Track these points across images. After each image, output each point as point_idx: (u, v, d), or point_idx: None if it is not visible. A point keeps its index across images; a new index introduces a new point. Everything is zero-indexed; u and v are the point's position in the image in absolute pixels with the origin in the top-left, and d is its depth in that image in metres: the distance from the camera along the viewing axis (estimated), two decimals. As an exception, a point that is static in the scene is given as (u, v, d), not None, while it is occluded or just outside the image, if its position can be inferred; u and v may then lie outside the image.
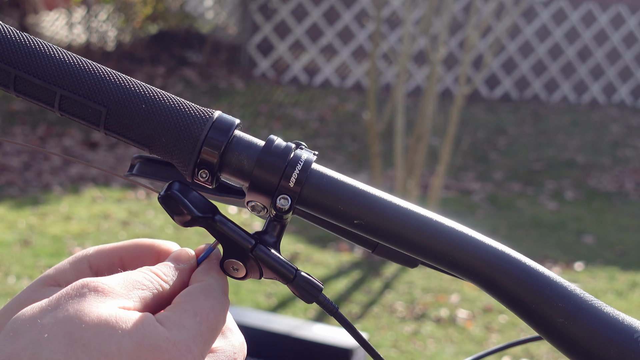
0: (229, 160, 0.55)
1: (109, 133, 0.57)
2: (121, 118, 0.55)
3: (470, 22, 5.12)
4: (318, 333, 2.94)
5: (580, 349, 0.52)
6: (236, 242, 0.56)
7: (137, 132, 0.56)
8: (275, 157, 0.55)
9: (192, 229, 5.03)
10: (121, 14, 8.87)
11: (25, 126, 7.09)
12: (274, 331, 2.96)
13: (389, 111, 5.14)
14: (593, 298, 0.53)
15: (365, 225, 0.55)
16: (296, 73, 9.07)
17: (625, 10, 9.54)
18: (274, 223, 0.57)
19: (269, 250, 0.56)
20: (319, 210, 0.56)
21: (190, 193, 0.55)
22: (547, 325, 0.53)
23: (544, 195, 6.54)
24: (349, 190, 0.55)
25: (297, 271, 0.56)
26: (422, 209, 0.56)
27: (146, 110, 0.55)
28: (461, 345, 3.81)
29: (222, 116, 0.56)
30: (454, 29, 8.77)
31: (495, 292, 0.54)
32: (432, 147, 6.18)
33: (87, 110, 0.56)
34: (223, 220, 0.56)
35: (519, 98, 9.50)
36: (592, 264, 4.97)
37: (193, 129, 0.55)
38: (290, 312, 3.99)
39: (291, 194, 0.55)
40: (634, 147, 8.20)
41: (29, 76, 0.55)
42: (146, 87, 0.57)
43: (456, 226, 0.55)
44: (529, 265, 0.54)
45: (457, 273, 0.55)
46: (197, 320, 0.50)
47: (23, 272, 4.27)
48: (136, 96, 0.56)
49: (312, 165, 0.56)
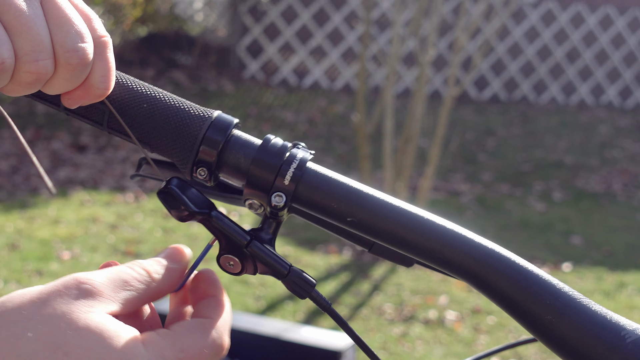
0: (227, 158, 0.57)
1: (112, 132, 0.58)
2: (123, 117, 0.57)
3: (460, 23, 5.13)
4: (307, 335, 2.94)
5: (568, 346, 0.52)
6: (232, 238, 0.56)
7: (139, 130, 0.57)
8: (271, 155, 0.56)
9: (182, 232, 4.99)
10: (110, 16, 8.84)
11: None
12: (262, 334, 2.96)
13: (378, 113, 5.15)
14: (581, 296, 0.53)
15: (358, 222, 0.56)
16: (285, 75, 9.07)
17: (613, 12, 9.59)
18: (270, 220, 0.58)
19: (264, 246, 0.57)
20: (313, 208, 0.57)
21: (188, 189, 0.56)
22: (535, 323, 0.53)
23: (532, 197, 6.57)
24: (343, 189, 0.56)
25: (290, 267, 0.57)
26: (415, 207, 0.56)
27: (147, 110, 0.57)
28: (450, 346, 3.82)
29: (221, 116, 0.57)
30: (443, 31, 8.79)
31: (485, 289, 0.55)
32: (421, 148, 6.19)
33: (90, 110, 0.58)
34: (219, 216, 0.56)
35: (508, 99, 9.53)
36: (580, 265, 4.99)
37: (192, 128, 0.56)
38: (279, 315, 3.99)
39: (286, 192, 0.56)
40: (621, 148, 8.23)
41: None
42: (148, 86, 0.58)
43: (447, 224, 0.56)
44: (518, 263, 0.54)
45: (448, 270, 0.56)
46: (180, 356, 0.50)
47: (11, 276, 4.25)
48: (138, 96, 0.57)
49: (308, 164, 0.57)
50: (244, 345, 2.98)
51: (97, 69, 0.54)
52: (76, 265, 4.45)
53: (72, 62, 0.52)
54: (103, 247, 4.76)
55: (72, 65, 0.52)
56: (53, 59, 0.51)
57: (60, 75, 0.52)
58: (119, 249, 4.75)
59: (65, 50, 0.51)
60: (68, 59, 0.52)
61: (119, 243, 4.84)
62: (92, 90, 0.54)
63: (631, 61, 9.76)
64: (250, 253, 0.56)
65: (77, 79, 0.53)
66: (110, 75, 0.55)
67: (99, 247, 4.76)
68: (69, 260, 4.52)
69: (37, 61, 0.50)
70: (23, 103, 7.63)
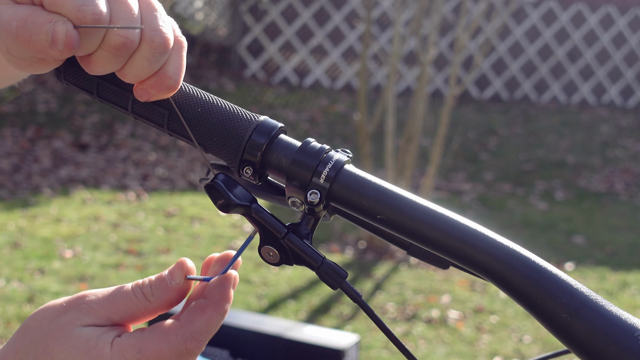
0: (270, 159, 0.62)
1: (172, 133, 0.64)
2: (181, 120, 0.63)
3: (461, 23, 5.12)
4: (310, 334, 2.94)
5: (582, 343, 0.54)
6: (270, 230, 0.61)
7: (194, 132, 0.63)
8: (308, 156, 0.62)
9: (184, 232, 4.99)
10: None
11: (15, 128, 7.06)
12: (265, 332, 2.95)
13: (379, 112, 5.14)
14: (597, 296, 0.55)
15: (387, 220, 0.60)
16: (286, 74, 9.06)
17: (614, 11, 9.58)
18: (309, 217, 0.62)
19: (299, 239, 0.61)
20: (346, 205, 0.61)
21: (233, 184, 0.61)
22: (551, 320, 0.55)
23: (534, 196, 6.56)
24: (373, 188, 0.60)
25: (323, 259, 0.61)
26: (440, 208, 0.60)
27: (201, 114, 0.63)
28: (452, 345, 3.81)
29: (267, 120, 0.63)
30: (444, 30, 8.78)
31: (505, 287, 0.57)
32: (422, 147, 6.18)
33: (153, 113, 0.63)
34: (259, 208, 0.62)
35: (509, 99, 9.52)
36: (582, 264, 4.98)
37: (239, 130, 0.62)
38: (281, 314, 3.98)
39: (321, 190, 0.61)
40: (623, 148, 8.23)
41: (108, 84, 0.63)
42: (202, 92, 0.64)
43: (470, 224, 0.59)
44: (536, 262, 0.56)
45: (470, 267, 0.59)
46: (138, 357, 0.56)
47: (13, 274, 4.25)
48: (193, 100, 0.63)
49: (344, 166, 0.62)
50: (247, 344, 2.98)
51: (173, 62, 0.59)
52: (78, 263, 4.45)
53: (155, 40, 0.57)
54: (105, 245, 4.75)
55: (155, 43, 0.57)
56: (140, 33, 0.57)
57: (142, 52, 0.57)
58: (120, 247, 4.74)
59: (151, 29, 0.57)
60: (153, 37, 0.57)
61: (121, 241, 4.83)
62: (165, 80, 0.59)
63: (632, 60, 9.75)
64: (287, 244, 0.61)
65: (155, 61, 0.58)
66: (182, 70, 0.60)
67: (101, 245, 4.75)
68: (71, 259, 4.52)
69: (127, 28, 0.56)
70: (24, 102, 7.63)
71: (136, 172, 6.38)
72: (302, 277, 4.49)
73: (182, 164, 6.65)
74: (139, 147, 6.90)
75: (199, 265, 0.61)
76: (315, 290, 4.31)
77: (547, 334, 3.98)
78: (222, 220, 5.39)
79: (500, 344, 3.86)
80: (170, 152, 6.86)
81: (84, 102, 7.70)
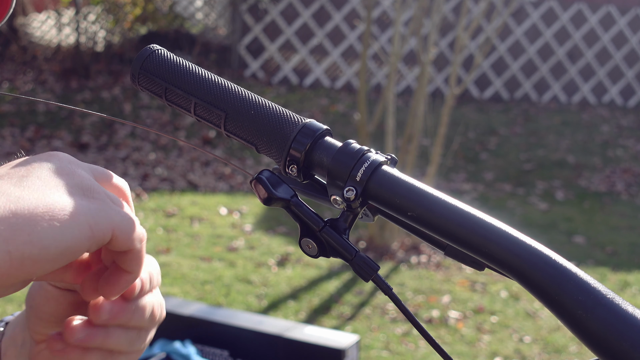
0: (313, 158, 0.67)
1: (228, 134, 0.69)
2: (236, 121, 0.68)
3: (461, 22, 5.11)
4: (310, 334, 2.93)
5: (596, 340, 0.56)
6: (308, 223, 0.66)
7: (247, 132, 0.68)
8: (347, 156, 0.66)
9: (183, 231, 4.98)
10: (110, 15, 8.83)
11: (15, 128, 7.05)
12: (265, 333, 2.95)
13: (379, 112, 5.13)
14: (615, 295, 0.57)
15: (417, 217, 0.63)
16: (286, 74, 9.05)
17: (615, 11, 9.57)
18: (347, 213, 0.66)
19: (334, 232, 0.65)
20: (380, 202, 0.65)
21: (276, 180, 0.66)
22: (568, 317, 0.57)
23: (535, 196, 6.55)
24: (405, 187, 0.64)
25: (357, 252, 0.64)
26: (468, 207, 0.63)
27: (254, 115, 0.68)
28: (453, 346, 3.80)
29: (312, 122, 0.68)
30: (445, 30, 8.78)
31: (526, 283, 0.60)
32: (422, 147, 6.18)
33: (212, 115, 0.69)
34: (298, 202, 0.66)
35: (510, 98, 9.52)
36: (583, 264, 4.97)
37: (286, 131, 0.67)
38: (281, 314, 3.97)
39: (357, 187, 0.65)
40: (624, 147, 8.22)
41: (175, 88, 0.69)
42: (254, 95, 0.69)
43: (495, 222, 0.62)
44: (556, 261, 0.60)
45: (493, 264, 0.61)
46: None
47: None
48: (247, 103, 0.69)
49: (379, 165, 0.65)
50: (248, 344, 2.97)
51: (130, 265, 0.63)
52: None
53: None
54: (104, 246, 4.74)
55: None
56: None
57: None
58: (120, 247, 4.73)
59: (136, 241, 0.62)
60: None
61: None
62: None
63: (633, 60, 9.75)
64: (323, 237, 0.65)
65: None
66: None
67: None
68: (70, 259, 4.50)
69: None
70: (23, 101, 7.62)
71: (136, 172, 6.38)
72: (302, 277, 4.48)
73: (181, 163, 6.64)
74: (138, 147, 6.89)
75: (199, 265, 0.60)
76: (315, 291, 4.31)
77: (547, 335, 3.97)
78: (222, 220, 5.39)
79: (500, 344, 3.85)
80: (170, 152, 6.86)
81: (84, 102, 7.69)
